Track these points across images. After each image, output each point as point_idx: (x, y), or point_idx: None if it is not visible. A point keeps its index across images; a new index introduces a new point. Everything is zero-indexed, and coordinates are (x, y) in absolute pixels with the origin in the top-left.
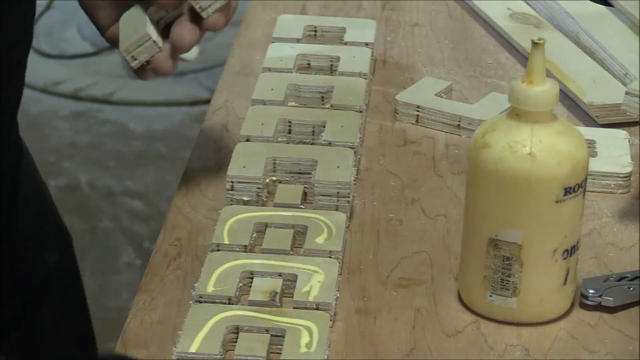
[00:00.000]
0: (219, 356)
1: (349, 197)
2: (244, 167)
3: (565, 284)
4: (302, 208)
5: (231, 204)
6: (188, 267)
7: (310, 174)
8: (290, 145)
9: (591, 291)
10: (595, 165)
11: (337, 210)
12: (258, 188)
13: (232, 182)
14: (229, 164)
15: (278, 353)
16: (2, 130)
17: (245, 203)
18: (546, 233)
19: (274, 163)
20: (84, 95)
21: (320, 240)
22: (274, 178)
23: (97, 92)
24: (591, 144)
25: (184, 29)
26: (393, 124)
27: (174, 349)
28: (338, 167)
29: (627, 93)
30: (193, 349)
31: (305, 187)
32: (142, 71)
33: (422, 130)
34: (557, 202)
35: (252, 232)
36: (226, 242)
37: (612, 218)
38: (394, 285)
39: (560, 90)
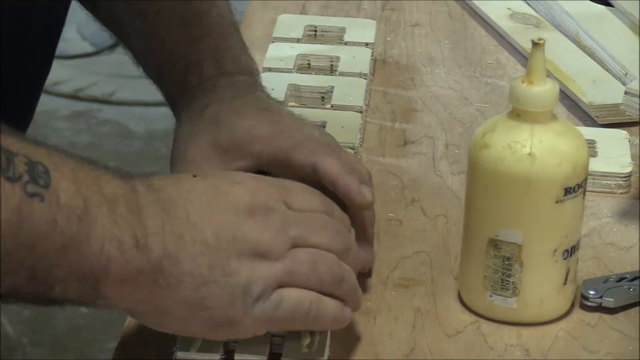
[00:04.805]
0: (219, 357)
1: None
2: None
3: (565, 284)
4: None
5: None
6: None
7: None
8: None
9: (592, 292)
10: (595, 165)
11: None
12: None
13: None
14: None
15: (279, 354)
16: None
17: None
18: (546, 233)
19: None
20: (84, 95)
21: None
22: None
23: (97, 92)
24: (591, 144)
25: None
26: (393, 123)
27: (175, 349)
28: None
29: (626, 93)
30: (194, 349)
31: None
32: None
33: (422, 130)
34: (557, 202)
35: None
36: None
37: (612, 218)
38: (394, 286)
39: (560, 90)
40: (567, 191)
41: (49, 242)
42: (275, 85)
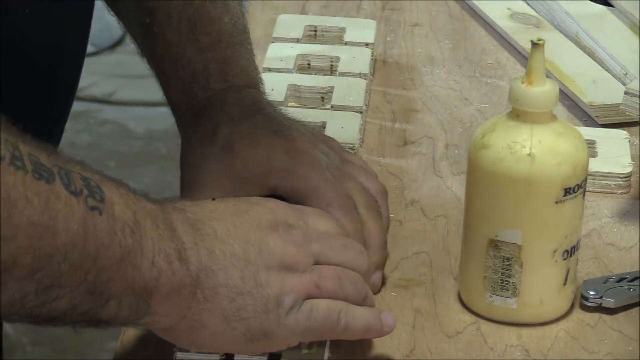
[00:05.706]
0: (219, 357)
1: None
2: None
3: (565, 284)
4: None
5: None
6: None
7: None
8: None
9: (592, 293)
10: (595, 165)
11: None
12: None
13: None
14: None
15: (279, 354)
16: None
17: None
18: (546, 234)
19: None
20: (84, 95)
21: None
22: None
23: (97, 92)
24: (591, 144)
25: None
26: (393, 124)
27: (175, 349)
28: None
29: (626, 93)
30: (194, 349)
31: None
32: None
33: (422, 130)
34: (557, 202)
35: None
36: None
37: (612, 218)
38: (393, 286)
39: (560, 90)
40: (567, 191)
41: (109, 254)
42: (275, 85)
